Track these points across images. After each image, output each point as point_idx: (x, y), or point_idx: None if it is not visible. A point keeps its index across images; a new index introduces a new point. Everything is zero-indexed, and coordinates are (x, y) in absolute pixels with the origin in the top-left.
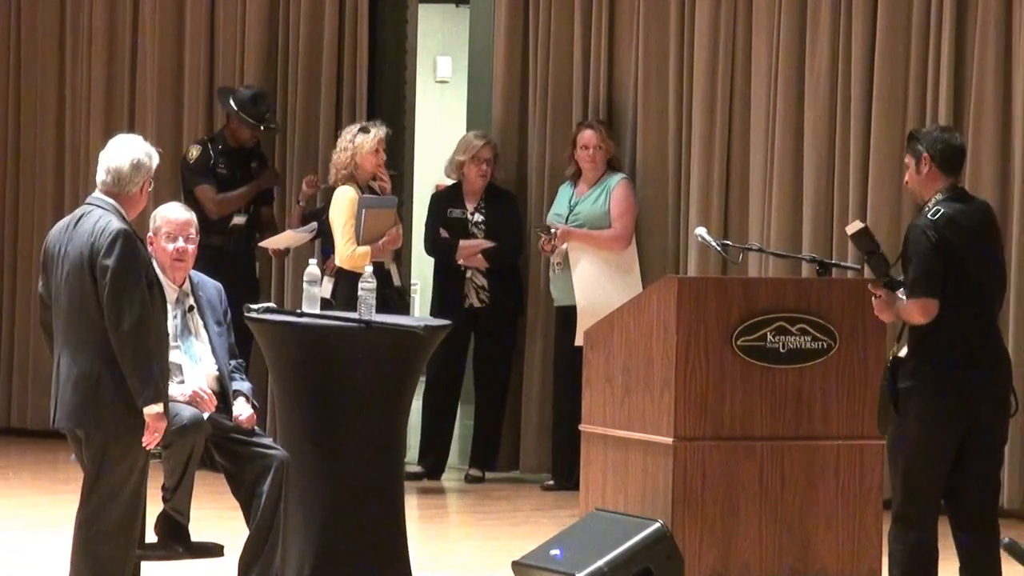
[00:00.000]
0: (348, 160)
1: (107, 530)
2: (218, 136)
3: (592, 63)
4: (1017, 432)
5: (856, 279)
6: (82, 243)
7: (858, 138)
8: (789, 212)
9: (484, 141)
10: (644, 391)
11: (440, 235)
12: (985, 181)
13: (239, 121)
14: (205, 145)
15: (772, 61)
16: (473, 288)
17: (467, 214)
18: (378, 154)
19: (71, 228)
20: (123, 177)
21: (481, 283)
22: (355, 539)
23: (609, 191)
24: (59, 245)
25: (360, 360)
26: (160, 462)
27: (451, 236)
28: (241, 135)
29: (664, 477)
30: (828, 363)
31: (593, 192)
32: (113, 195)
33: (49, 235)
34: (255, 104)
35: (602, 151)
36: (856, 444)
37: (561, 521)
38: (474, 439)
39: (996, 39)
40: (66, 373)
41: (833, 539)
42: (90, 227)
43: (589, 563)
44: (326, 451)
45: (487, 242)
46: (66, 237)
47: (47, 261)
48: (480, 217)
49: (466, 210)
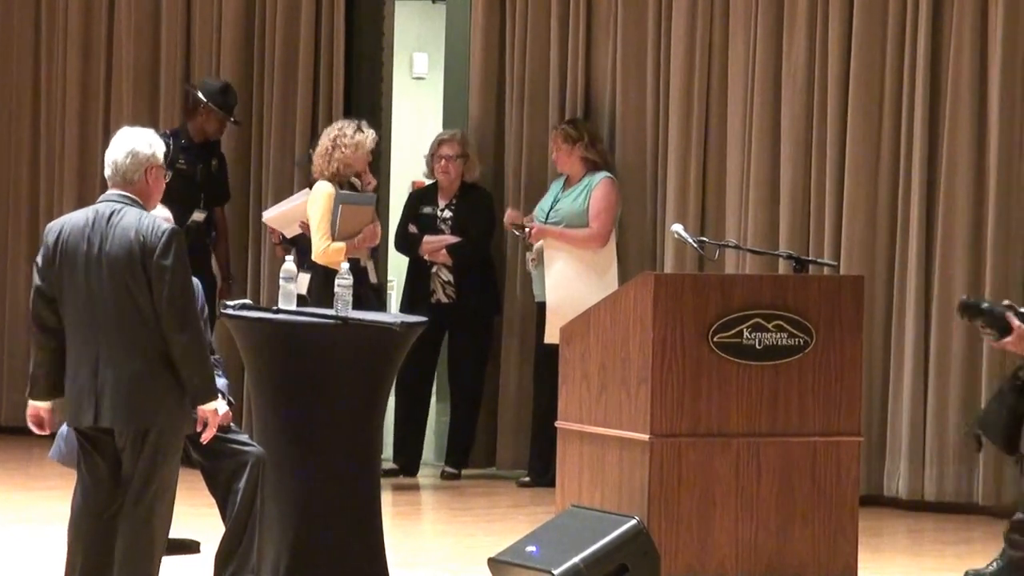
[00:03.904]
0: (351, 155)
1: (159, 525)
2: (181, 130)
3: (569, 60)
4: None
5: (832, 276)
6: (128, 241)
7: (834, 136)
8: (766, 209)
9: (446, 138)
10: (620, 387)
11: (408, 231)
12: (960, 180)
13: (208, 112)
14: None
15: (749, 59)
16: (439, 283)
17: (437, 210)
18: (370, 155)
19: (102, 225)
20: (120, 167)
21: (447, 279)
22: (331, 536)
23: (590, 189)
24: (87, 242)
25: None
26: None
27: (420, 232)
28: (209, 127)
29: (640, 474)
30: (804, 360)
31: (575, 190)
32: (121, 187)
33: (62, 232)
34: (224, 95)
35: (562, 154)
36: (832, 441)
37: (537, 518)
38: (449, 436)
39: (972, 38)
40: (113, 372)
41: (809, 536)
42: (134, 225)
43: (565, 560)
44: (302, 448)
45: (452, 237)
46: (98, 234)
47: (63, 258)
48: (449, 213)
49: (438, 207)
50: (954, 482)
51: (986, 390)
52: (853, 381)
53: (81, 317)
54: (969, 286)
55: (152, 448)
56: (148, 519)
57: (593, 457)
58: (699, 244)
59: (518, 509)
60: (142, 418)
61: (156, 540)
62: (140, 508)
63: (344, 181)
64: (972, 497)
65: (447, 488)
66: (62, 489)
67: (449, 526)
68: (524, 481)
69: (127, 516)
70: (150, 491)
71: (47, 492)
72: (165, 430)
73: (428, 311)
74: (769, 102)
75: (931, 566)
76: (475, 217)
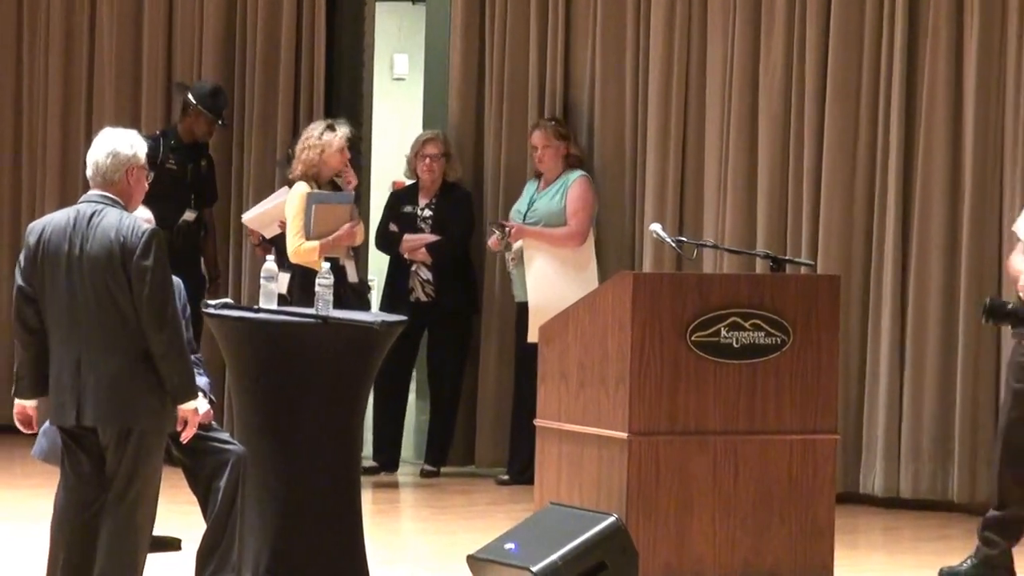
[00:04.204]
0: (316, 157)
1: (142, 522)
2: (171, 131)
3: (548, 61)
4: (965, 430)
5: (809, 275)
6: (108, 241)
7: (811, 137)
8: (743, 209)
9: (428, 137)
10: (599, 386)
11: (389, 230)
12: (935, 181)
13: (197, 114)
14: (155, 140)
15: (727, 60)
16: (418, 282)
17: (417, 209)
18: (343, 153)
19: (83, 226)
20: (102, 167)
21: (426, 277)
22: (311, 533)
23: (567, 188)
24: (68, 242)
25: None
26: None
27: (400, 231)
28: (198, 129)
29: (619, 471)
30: (781, 358)
31: (551, 189)
32: (102, 187)
33: (43, 232)
34: (214, 97)
35: (551, 150)
36: (809, 439)
37: (516, 515)
38: (429, 434)
39: (947, 42)
40: (94, 372)
41: (786, 533)
42: (114, 225)
43: (544, 557)
44: (283, 446)
45: (431, 236)
46: (79, 234)
47: (45, 258)
48: (429, 212)
49: (418, 206)
50: (929, 480)
51: (961, 389)
52: (829, 380)
53: (63, 317)
54: (944, 286)
55: (135, 447)
56: (131, 516)
57: (572, 455)
58: (677, 243)
59: (497, 507)
60: (124, 417)
61: (140, 537)
62: (123, 506)
63: (324, 180)
64: (947, 495)
65: (426, 486)
66: (46, 487)
67: (428, 524)
68: (503, 479)
69: (110, 513)
70: (133, 489)
71: (31, 490)
72: (147, 429)
73: (407, 309)
74: (747, 103)
75: (907, 563)
76: (454, 216)
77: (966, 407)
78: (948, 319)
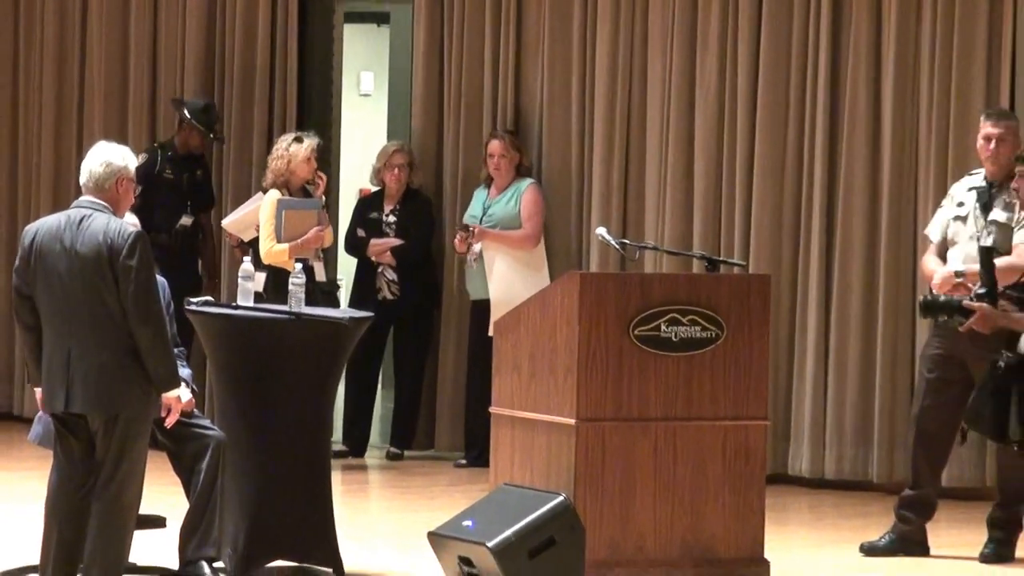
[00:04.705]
0: (284, 167)
1: (129, 502)
2: (168, 144)
3: (501, 78)
4: (883, 416)
5: (741, 274)
6: (97, 243)
7: (743, 148)
8: (681, 214)
9: (396, 148)
10: (549, 376)
11: (357, 235)
12: (857, 188)
13: (191, 128)
14: (154, 151)
15: (665, 77)
16: (385, 282)
17: (383, 215)
18: (310, 162)
19: (73, 229)
20: (95, 175)
21: (392, 277)
22: (286, 512)
23: (520, 195)
24: (60, 244)
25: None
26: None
27: (367, 235)
28: (191, 141)
29: (567, 455)
30: (716, 351)
31: (505, 195)
32: (94, 194)
33: (37, 235)
34: (206, 113)
35: (507, 159)
36: (741, 425)
37: (473, 495)
38: (394, 421)
39: (867, 61)
40: (84, 363)
41: (721, 512)
42: (102, 228)
43: (499, 533)
44: (259, 432)
45: (396, 240)
46: (68, 237)
47: (38, 259)
48: (394, 218)
49: (383, 211)
50: (851, 462)
51: (880, 379)
52: (760, 370)
53: (55, 312)
54: (865, 285)
55: (121, 432)
56: (119, 497)
57: (524, 440)
58: (621, 246)
59: (455, 487)
60: (111, 405)
61: (127, 516)
62: (112, 487)
63: (294, 188)
64: (867, 476)
65: (392, 468)
66: (40, 470)
67: (393, 503)
68: (461, 463)
69: (100, 495)
70: (120, 471)
71: (26, 472)
72: (132, 416)
73: (375, 307)
74: (684, 116)
75: (830, 539)
76: (416, 220)
77: (884, 395)
78: (868, 315)
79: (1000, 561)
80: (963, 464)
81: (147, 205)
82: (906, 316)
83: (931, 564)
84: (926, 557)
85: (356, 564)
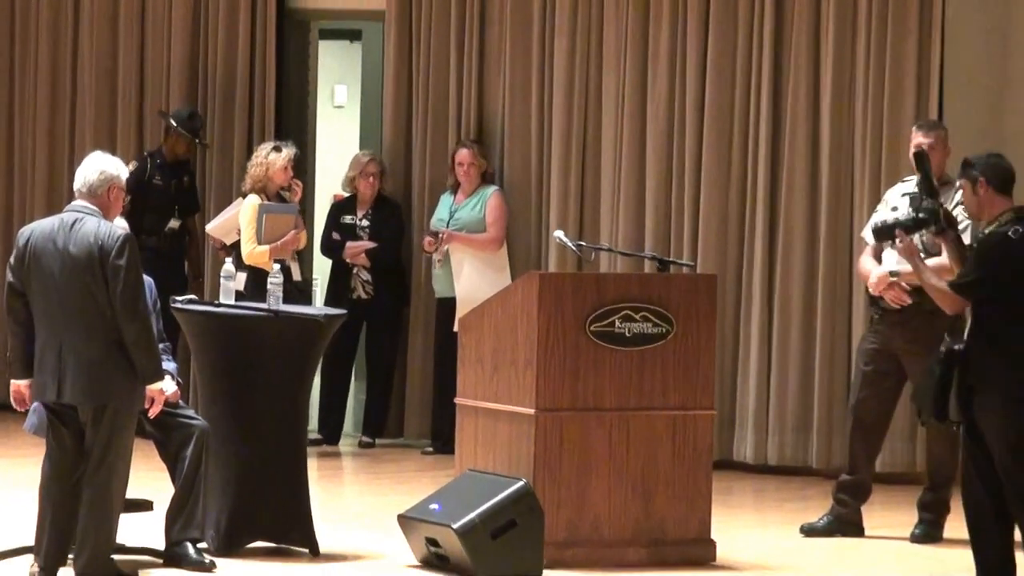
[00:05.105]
0: (262, 174)
1: (118, 487)
2: (157, 152)
3: (465, 92)
4: (822, 407)
5: (690, 274)
6: (88, 244)
7: (691, 156)
8: (633, 217)
9: (369, 158)
10: (510, 369)
11: (332, 238)
12: (797, 194)
13: (177, 136)
14: (144, 160)
15: (619, 90)
16: (359, 282)
17: (356, 219)
18: (287, 170)
19: (66, 231)
20: (90, 183)
21: (366, 278)
22: (265, 496)
23: (485, 200)
24: (53, 244)
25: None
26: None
27: (341, 238)
28: (178, 148)
29: (527, 442)
30: (666, 346)
31: (471, 201)
32: (87, 199)
33: (31, 236)
34: (191, 120)
35: (475, 167)
36: (690, 414)
37: (439, 480)
38: (366, 411)
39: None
40: (74, 356)
41: (670, 495)
42: (93, 231)
43: (464, 516)
44: (240, 421)
45: (370, 243)
46: (62, 238)
47: (31, 258)
48: (367, 222)
49: (356, 216)
50: (792, 449)
51: (819, 372)
52: (707, 363)
53: (47, 308)
54: (804, 284)
55: (109, 421)
56: (108, 482)
57: (487, 429)
58: (577, 247)
59: (423, 473)
60: (100, 395)
61: (115, 500)
62: (100, 473)
63: (271, 193)
64: (807, 462)
65: (364, 455)
66: (34, 457)
67: (366, 487)
68: (428, 450)
69: (89, 480)
70: (108, 458)
71: (21, 459)
72: (120, 406)
73: (349, 305)
74: (636, 127)
75: (773, 520)
76: (388, 225)
77: (823, 387)
78: (808, 311)
79: (930, 541)
80: (896, 451)
81: (137, 210)
82: (843, 313)
83: (866, 544)
84: (862, 537)
85: (330, 545)
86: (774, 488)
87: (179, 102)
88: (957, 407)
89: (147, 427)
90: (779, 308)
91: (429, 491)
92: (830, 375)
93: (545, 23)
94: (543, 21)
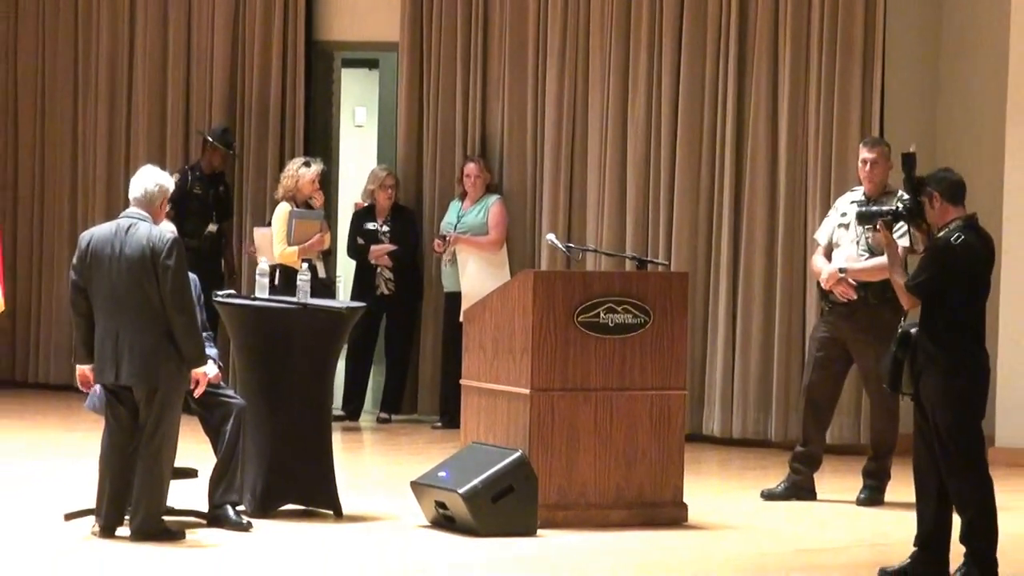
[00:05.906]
0: (293, 185)
1: (168, 457)
2: (196, 165)
3: (469, 114)
4: (780, 387)
5: (665, 272)
6: (142, 246)
7: (666, 169)
8: (616, 222)
9: (387, 172)
10: (508, 355)
11: (357, 242)
12: (759, 202)
13: (213, 149)
14: (185, 173)
15: (603, 111)
16: (383, 280)
17: (378, 226)
18: (314, 183)
19: (121, 235)
20: (149, 192)
21: (388, 276)
22: (295, 465)
23: (488, 207)
24: (111, 247)
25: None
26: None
27: (365, 243)
28: (214, 160)
29: (523, 418)
30: (645, 334)
31: (475, 208)
32: (141, 207)
33: (93, 239)
34: (224, 134)
35: (481, 179)
36: (665, 394)
37: (447, 451)
38: (384, 390)
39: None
40: (131, 344)
41: (648, 465)
42: (145, 234)
43: (468, 482)
44: (273, 400)
45: (392, 246)
46: (118, 241)
47: (92, 258)
48: (387, 228)
49: (377, 223)
50: (753, 424)
51: (777, 356)
52: (680, 349)
53: (106, 302)
54: (765, 279)
55: (160, 401)
56: (159, 453)
57: (488, 406)
58: (567, 248)
59: (433, 445)
60: (152, 378)
61: (165, 469)
62: (152, 445)
63: (300, 202)
64: (767, 435)
65: (381, 429)
66: (95, 431)
67: (383, 457)
68: (437, 425)
69: (143, 451)
70: (159, 433)
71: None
72: (169, 388)
73: (372, 299)
74: (618, 143)
75: (736, 486)
76: (406, 231)
77: (781, 369)
78: (768, 304)
79: (873, 504)
80: (843, 426)
81: (180, 216)
82: (798, 305)
83: (818, 507)
84: (814, 501)
85: (353, 507)
86: (738, 458)
87: (219, 122)
88: (909, 381)
89: (192, 405)
90: (742, 301)
91: (438, 461)
92: (787, 360)
93: (538, 52)
94: (536, 50)
